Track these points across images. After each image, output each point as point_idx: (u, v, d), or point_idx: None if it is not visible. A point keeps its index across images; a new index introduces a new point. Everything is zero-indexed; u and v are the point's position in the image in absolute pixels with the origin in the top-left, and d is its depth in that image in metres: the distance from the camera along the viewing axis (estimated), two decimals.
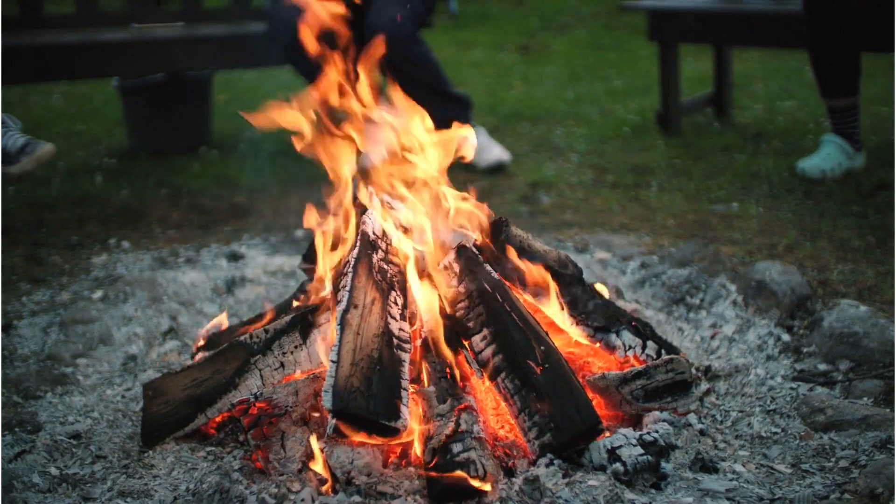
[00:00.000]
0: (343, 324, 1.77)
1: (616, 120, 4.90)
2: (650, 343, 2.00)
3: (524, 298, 2.03)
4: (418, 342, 1.94)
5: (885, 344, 2.17)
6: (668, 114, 4.47)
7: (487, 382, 1.88)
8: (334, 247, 2.09)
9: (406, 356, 1.82)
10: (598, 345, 2.02)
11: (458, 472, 1.65)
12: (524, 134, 4.72)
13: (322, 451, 1.74)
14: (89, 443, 1.96)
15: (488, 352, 1.87)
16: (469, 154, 2.11)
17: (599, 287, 2.21)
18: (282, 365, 1.97)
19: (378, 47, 2.12)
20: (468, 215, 2.09)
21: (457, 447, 1.69)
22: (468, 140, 2.10)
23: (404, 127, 2.09)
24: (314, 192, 2.18)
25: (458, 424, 1.74)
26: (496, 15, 8.95)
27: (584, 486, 1.67)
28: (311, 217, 2.11)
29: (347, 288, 1.82)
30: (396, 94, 2.13)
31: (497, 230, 2.08)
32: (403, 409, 1.72)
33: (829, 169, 3.63)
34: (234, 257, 3.08)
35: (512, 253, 2.04)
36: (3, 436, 1.95)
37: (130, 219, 3.58)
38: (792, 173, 3.73)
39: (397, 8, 3.84)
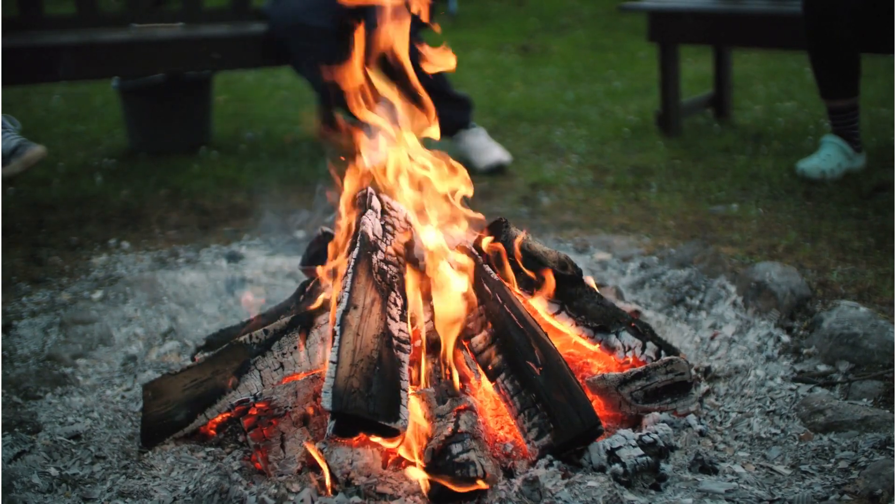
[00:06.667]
0: (342, 324, 1.77)
1: (616, 121, 4.90)
2: (650, 344, 2.00)
3: (524, 299, 2.03)
4: (418, 343, 1.94)
5: (885, 345, 2.17)
6: (667, 115, 4.47)
7: (487, 383, 1.88)
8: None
9: (406, 357, 1.82)
10: (597, 346, 2.02)
11: (458, 473, 1.66)
12: (524, 135, 4.72)
13: (321, 451, 1.74)
14: (89, 443, 1.96)
15: (488, 353, 1.88)
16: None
17: (599, 288, 2.21)
18: (281, 366, 1.97)
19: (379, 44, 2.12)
20: (467, 216, 2.09)
21: (456, 448, 1.70)
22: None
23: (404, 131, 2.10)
24: (314, 193, 2.18)
25: (457, 425, 1.74)
26: (496, 16, 8.94)
27: (583, 487, 1.67)
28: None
29: (347, 289, 1.82)
30: (396, 95, 2.13)
31: (497, 231, 2.07)
32: (403, 409, 1.72)
33: (828, 170, 3.63)
34: (234, 258, 3.08)
35: (511, 254, 2.04)
36: (2, 436, 1.95)
37: (130, 219, 3.58)
38: (792, 174, 3.73)
39: None
